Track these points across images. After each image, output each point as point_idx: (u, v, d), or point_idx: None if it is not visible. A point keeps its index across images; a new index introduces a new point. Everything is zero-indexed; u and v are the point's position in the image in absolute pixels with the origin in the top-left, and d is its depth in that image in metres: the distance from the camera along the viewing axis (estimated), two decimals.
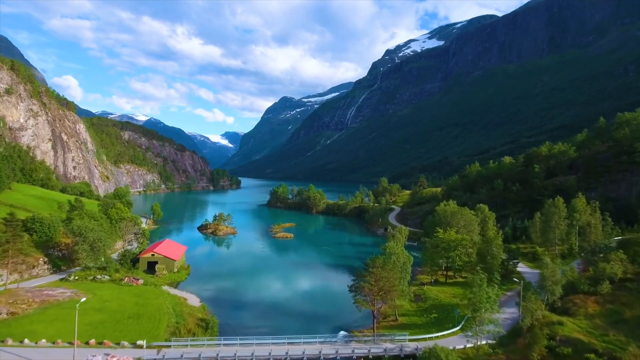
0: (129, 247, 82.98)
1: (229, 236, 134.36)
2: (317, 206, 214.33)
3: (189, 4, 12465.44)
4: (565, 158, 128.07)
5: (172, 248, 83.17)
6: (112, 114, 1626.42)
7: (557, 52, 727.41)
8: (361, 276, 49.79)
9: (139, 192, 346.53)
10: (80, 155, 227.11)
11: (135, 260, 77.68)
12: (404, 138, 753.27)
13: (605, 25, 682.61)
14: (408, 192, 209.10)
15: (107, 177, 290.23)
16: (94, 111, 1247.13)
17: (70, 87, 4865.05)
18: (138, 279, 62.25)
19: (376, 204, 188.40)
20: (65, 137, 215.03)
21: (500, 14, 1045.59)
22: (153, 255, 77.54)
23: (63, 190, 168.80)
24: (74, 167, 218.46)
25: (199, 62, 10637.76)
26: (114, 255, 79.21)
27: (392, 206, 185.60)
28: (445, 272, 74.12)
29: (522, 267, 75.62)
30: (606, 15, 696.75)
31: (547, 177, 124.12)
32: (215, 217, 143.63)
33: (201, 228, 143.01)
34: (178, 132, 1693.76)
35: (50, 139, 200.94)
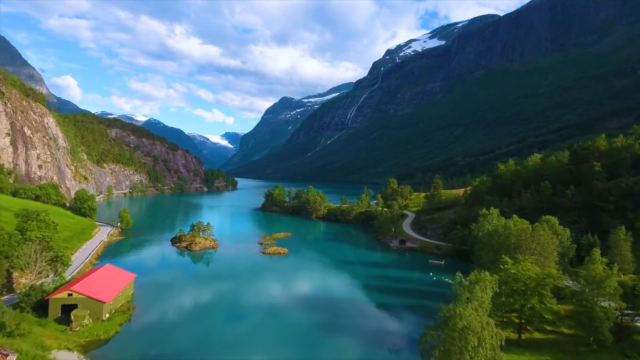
0: (41, 282, 56.26)
1: (208, 251, 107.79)
2: (318, 211, 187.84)
3: (187, 3, 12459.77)
4: (627, 154, 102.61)
5: (104, 281, 56.33)
6: (111, 114, 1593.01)
7: (560, 51, 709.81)
8: None
9: (125, 193, 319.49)
10: (48, 153, 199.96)
11: (43, 304, 51.29)
12: (406, 138, 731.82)
13: (610, 23, 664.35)
14: (422, 194, 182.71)
15: (85, 178, 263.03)
16: (93, 111, 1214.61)
17: (70, 87, 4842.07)
18: (7, 353, 35.92)
19: (385, 209, 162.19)
20: (28, 132, 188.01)
21: (500, 14, 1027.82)
22: (70, 295, 51.06)
23: (15, 194, 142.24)
24: (40, 166, 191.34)
25: (198, 62, 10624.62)
26: (7, 298, 52.40)
27: (405, 211, 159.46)
28: (520, 324, 47.70)
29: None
30: (610, 14, 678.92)
31: (608, 178, 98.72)
32: (192, 226, 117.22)
33: (175, 240, 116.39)
34: (178, 133, 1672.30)
35: (8, 134, 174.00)
